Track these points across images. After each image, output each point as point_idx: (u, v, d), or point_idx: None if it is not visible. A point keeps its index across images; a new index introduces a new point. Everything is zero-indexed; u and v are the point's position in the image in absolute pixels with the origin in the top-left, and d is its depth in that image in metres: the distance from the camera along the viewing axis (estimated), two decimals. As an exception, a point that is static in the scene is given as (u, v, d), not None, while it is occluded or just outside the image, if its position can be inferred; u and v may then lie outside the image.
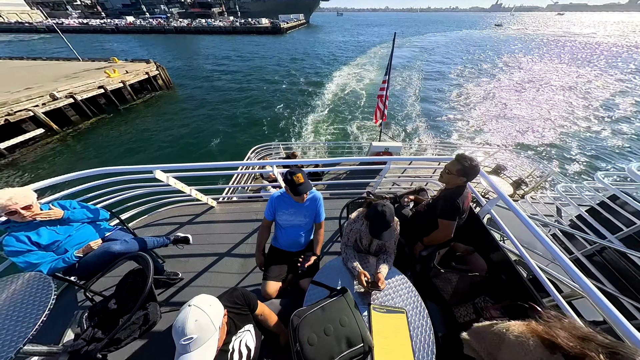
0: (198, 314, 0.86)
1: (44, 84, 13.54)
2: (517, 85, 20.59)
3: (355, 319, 1.13)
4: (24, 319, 1.26)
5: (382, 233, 1.31)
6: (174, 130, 12.70)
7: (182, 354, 0.82)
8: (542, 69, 26.46)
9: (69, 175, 1.82)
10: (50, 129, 11.92)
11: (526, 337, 0.85)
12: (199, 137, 12.18)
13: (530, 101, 17.27)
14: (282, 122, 13.84)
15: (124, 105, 15.62)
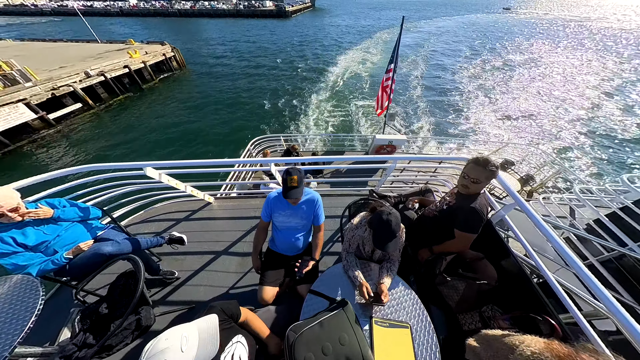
0: (162, 340, 0.78)
1: (74, 63, 14.74)
2: (528, 77, 19.64)
3: (356, 336, 1.05)
4: (10, 324, 1.21)
5: (387, 244, 1.20)
6: (193, 110, 13.65)
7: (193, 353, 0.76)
8: (554, 59, 25.10)
9: (55, 172, 1.72)
10: (87, 104, 13.35)
11: (544, 356, 0.78)
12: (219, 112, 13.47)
13: (543, 93, 16.52)
14: (287, 104, 14.60)
15: (146, 84, 16.87)
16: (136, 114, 13.41)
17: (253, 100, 14.87)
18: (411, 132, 11.56)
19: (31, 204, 1.60)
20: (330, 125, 12.43)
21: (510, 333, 0.96)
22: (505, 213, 1.55)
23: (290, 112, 13.72)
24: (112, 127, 12.15)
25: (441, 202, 1.67)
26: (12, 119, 10.36)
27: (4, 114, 10.20)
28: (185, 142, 10.93)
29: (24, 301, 1.30)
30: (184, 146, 10.68)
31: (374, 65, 22.03)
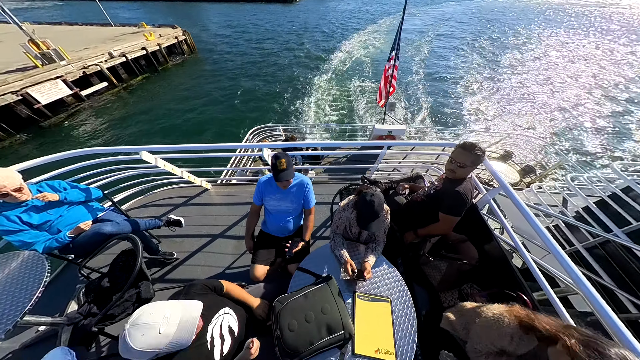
0: (145, 315, 0.81)
1: (96, 45, 15.50)
2: (534, 67, 18.94)
3: (338, 307, 1.13)
4: (20, 294, 1.30)
5: (370, 224, 1.25)
6: (205, 91, 14.39)
7: (168, 334, 0.79)
8: (564, 47, 24.03)
9: (55, 155, 1.78)
10: (112, 83, 14.31)
11: (503, 315, 0.88)
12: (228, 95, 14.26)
13: (549, 84, 16.00)
14: (290, 86, 15.11)
15: (161, 67, 17.27)
16: (154, 94, 14.33)
17: (261, 88, 15.18)
18: (411, 123, 11.41)
19: (33, 186, 1.67)
20: (331, 107, 12.64)
21: (482, 305, 1.02)
22: (490, 197, 1.58)
23: (293, 95, 14.09)
24: (133, 106, 13.06)
25: (429, 187, 1.71)
26: (53, 94, 11.59)
27: (47, 89, 11.36)
28: (196, 129, 11.31)
29: (32, 275, 1.39)
30: (192, 133, 10.98)
31: (377, 49, 22.00)
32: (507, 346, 0.85)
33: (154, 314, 0.83)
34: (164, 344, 0.79)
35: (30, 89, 10.73)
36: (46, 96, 11.26)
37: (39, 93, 11.00)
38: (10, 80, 10.25)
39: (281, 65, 18.80)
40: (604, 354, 0.63)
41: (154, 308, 0.85)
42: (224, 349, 1.03)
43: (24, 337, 1.72)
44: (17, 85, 10.39)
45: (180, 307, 0.88)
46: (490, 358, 0.91)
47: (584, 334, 0.71)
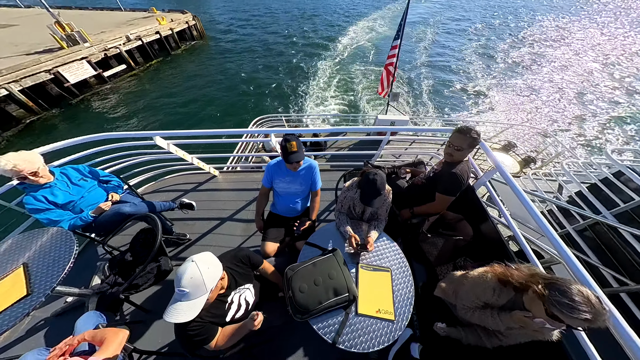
0: (194, 272, 0.96)
1: (112, 29, 15.73)
2: (541, 56, 18.43)
3: (343, 273, 1.25)
4: (54, 265, 1.43)
5: (372, 200, 1.35)
6: (214, 78, 14.66)
7: (175, 300, 0.96)
8: (577, 35, 23.25)
9: (74, 139, 1.87)
10: (130, 65, 14.74)
11: (485, 272, 1.01)
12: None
13: (554, 74, 15.63)
14: (295, 73, 15.31)
15: (173, 51, 17.62)
16: (169, 77, 14.82)
17: (268, 75, 15.30)
18: (415, 113, 11.34)
19: (56, 169, 1.78)
20: (334, 97, 12.73)
21: (468, 271, 1.15)
22: (486, 179, 1.67)
23: (298, 82, 14.30)
24: (151, 89, 13.63)
25: (429, 171, 1.80)
26: (80, 74, 12.34)
27: (74, 68, 12.07)
28: (203, 115, 11.57)
29: (62, 248, 1.52)
30: (200, 120, 11.24)
31: (380, 34, 21.86)
32: (490, 299, 0.98)
33: (193, 279, 0.96)
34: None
35: (60, 69, 11.37)
36: (74, 75, 12.01)
37: (68, 72, 11.72)
38: (42, 60, 10.89)
39: (287, 53, 18.77)
40: (566, 291, 0.75)
41: (197, 276, 0.97)
42: (237, 314, 1.21)
43: (53, 307, 1.88)
44: (49, 65, 11.03)
45: (191, 301, 0.97)
46: (476, 312, 1.05)
47: (546, 278, 0.84)
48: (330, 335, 1.12)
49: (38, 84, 10.77)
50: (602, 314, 0.73)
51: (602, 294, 0.93)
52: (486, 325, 1.04)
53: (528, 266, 1.04)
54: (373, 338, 1.12)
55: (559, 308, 0.75)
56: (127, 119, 11.23)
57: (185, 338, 1.03)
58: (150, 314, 1.80)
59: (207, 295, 0.99)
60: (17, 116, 10.41)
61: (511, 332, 0.99)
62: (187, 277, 0.94)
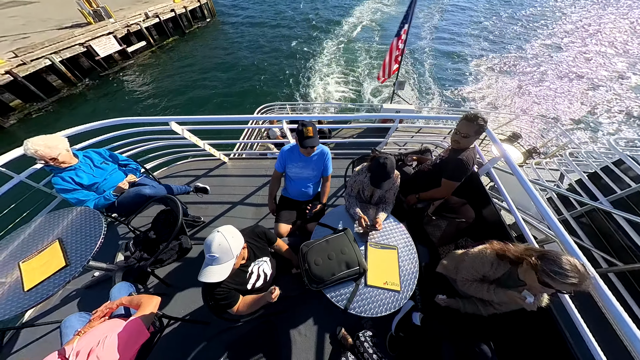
0: (221, 240, 1.07)
1: (129, 6, 15.89)
2: (553, 44, 17.68)
3: (354, 249, 1.36)
4: (86, 241, 1.55)
5: (382, 182, 1.44)
6: (225, 59, 14.80)
7: (207, 264, 1.07)
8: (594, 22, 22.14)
9: (94, 124, 1.95)
10: (149, 42, 15.09)
11: (485, 248, 1.13)
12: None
13: (565, 63, 15.08)
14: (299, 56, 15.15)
15: (187, 29, 17.62)
16: (185, 56, 15.07)
17: (276, 58, 15.18)
18: (421, 102, 11.16)
19: (79, 152, 1.86)
20: (339, 83, 12.59)
21: (469, 249, 1.25)
22: (491, 166, 1.75)
23: (304, 65, 14.15)
24: (169, 67, 14.03)
25: (436, 158, 1.87)
26: (108, 48, 12.86)
27: (103, 43, 12.60)
28: (214, 100, 11.60)
29: (91, 226, 1.63)
30: (210, 105, 11.26)
31: (383, 14, 21.21)
32: (487, 272, 1.10)
33: (222, 245, 1.07)
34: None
35: (91, 42, 12.02)
36: (103, 49, 12.59)
37: (98, 46, 12.34)
38: (75, 33, 11.68)
39: (294, 35, 18.23)
40: (556, 260, 0.86)
41: (224, 243, 1.09)
42: (257, 283, 1.34)
43: (83, 280, 2.04)
44: (82, 38, 11.75)
45: (221, 263, 1.09)
46: (474, 284, 1.16)
47: (539, 250, 0.95)
48: (342, 303, 1.25)
49: (73, 57, 11.58)
50: (587, 278, 0.84)
51: (586, 261, 1.03)
52: (481, 297, 1.16)
53: (524, 244, 1.15)
54: (380, 305, 1.25)
55: (550, 275, 0.86)
56: (150, 96, 11.73)
57: (213, 301, 1.17)
58: (172, 288, 1.96)
59: (234, 260, 1.10)
60: (56, 86, 11.33)
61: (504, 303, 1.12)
62: (215, 244, 1.05)
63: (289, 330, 1.74)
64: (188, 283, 1.97)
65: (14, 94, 10.11)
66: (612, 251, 1.78)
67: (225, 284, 1.16)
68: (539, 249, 1.00)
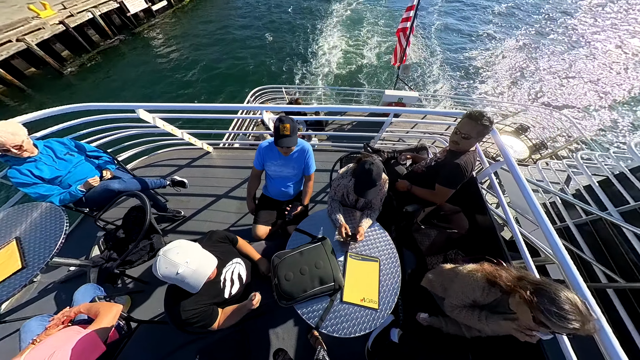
0: (175, 250, 0.95)
1: None
2: (571, 29, 16.15)
3: (330, 263, 1.24)
4: (47, 240, 1.45)
5: (367, 191, 1.28)
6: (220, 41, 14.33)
7: (186, 278, 0.94)
8: None
9: (53, 109, 1.75)
10: (169, 2, 15.58)
11: (476, 271, 1.00)
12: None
13: (584, 51, 13.88)
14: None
15: None
16: (207, 15, 15.65)
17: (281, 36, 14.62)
18: (426, 89, 10.56)
19: (40, 142, 1.69)
20: (340, 66, 11.98)
21: (458, 266, 1.12)
22: (492, 171, 1.57)
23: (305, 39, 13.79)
24: (188, 27, 14.55)
25: (431, 159, 1.68)
26: (136, 5, 13.55)
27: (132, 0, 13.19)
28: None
29: (53, 225, 1.51)
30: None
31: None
32: (478, 297, 0.97)
33: (180, 254, 0.96)
34: (179, 281, 0.95)
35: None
36: (133, 6, 13.32)
37: (129, 3, 13.04)
38: None
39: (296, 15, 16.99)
40: (554, 299, 0.73)
41: (182, 249, 0.98)
42: (233, 290, 1.24)
43: (59, 274, 1.98)
44: None
45: (199, 260, 1.00)
46: (464, 310, 1.05)
47: (534, 282, 0.81)
48: (313, 320, 1.15)
49: (108, 12, 12.31)
50: (590, 321, 0.71)
51: (589, 295, 0.91)
52: (472, 325, 1.05)
53: (518, 268, 1.01)
54: (355, 325, 1.15)
55: (547, 316, 0.73)
56: (177, 50, 12.62)
57: (188, 327, 1.06)
58: (149, 286, 1.89)
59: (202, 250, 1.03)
60: (95, 41, 12.30)
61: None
62: (174, 256, 0.93)
63: (268, 331, 1.69)
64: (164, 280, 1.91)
65: (64, 44, 11.12)
66: (615, 266, 1.66)
67: (198, 302, 1.06)
68: (534, 279, 0.86)
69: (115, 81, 11.01)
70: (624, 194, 1.78)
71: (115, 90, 10.51)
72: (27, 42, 9.78)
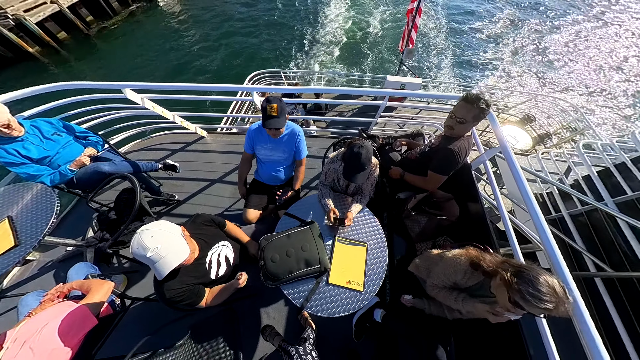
0: (150, 233, 0.93)
1: None
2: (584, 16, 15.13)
3: (317, 246, 1.24)
4: (39, 219, 1.46)
5: (355, 175, 1.25)
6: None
7: (154, 262, 0.93)
8: None
9: (36, 88, 1.69)
10: None
11: (460, 255, 1.01)
12: None
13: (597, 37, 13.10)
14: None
15: None
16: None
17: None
18: (430, 75, 10.18)
19: (26, 121, 1.65)
20: (343, 48, 11.66)
21: (445, 251, 1.12)
22: (487, 158, 1.52)
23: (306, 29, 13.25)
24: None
25: (425, 145, 1.64)
26: None
27: None
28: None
29: (44, 205, 1.52)
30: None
31: None
32: (459, 280, 0.98)
33: (154, 238, 0.94)
34: (147, 262, 0.94)
35: None
36: None
37: None
38: None
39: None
40: (532, 280, 0.72)
41: (157, 233, 0.96)
42: (220, 272, 1.26)
43: (57, 254, 2.03)
44: None
45: (170, 248, 0.97)
46: (442, 291, 1.06)
47: (516, 265, 0.81)
48: (299, 300, 1.18)
49: None
50: (565, 303, 0.71)
51: (570, 280, 0.91)
52: (449, 305, 1.07)
53: (503, 254, 1.01)
54: (339, 305, 1.18)
55: (522, 296, 0.74)
56: (194, 23, 12.90)
57: (175, 305, 1.09)
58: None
59: (183, 238, 1.03)
60: (115, 8, 13.01)
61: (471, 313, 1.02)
62: (147, 240, 0.91)
63: (259, 310, 1.75)
64: None
65: (88, 10, 12.05)
66: (605, 256, 1.65)
67: (183, 282, 1.08)
68: (517, 263, 0.86)
69: (140, 47, 11.58)
70: (622, 185, 1.74)
71: (134, 56, 11.00)
72: (60, 3, 10.62)
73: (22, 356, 0.90)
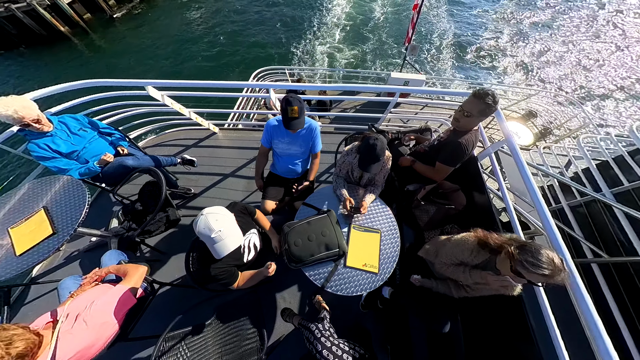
0: (215, 217, 1.05)
1: None
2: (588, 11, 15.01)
3: (335, 232, 1.35)
4: (71, 210, 1.56)
5: (370, 165, 1.34)
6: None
7: (215, 242, 1.05)
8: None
9: (63, 85, 1.78)
10: None
11: (468, 236, 1.10)
12: None
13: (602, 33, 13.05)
14: None
15: None
16: None
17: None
18: (434, 70, 10.18)
19: (53, 117, 1.74)
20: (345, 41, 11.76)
21: (453, 235, 1.22)
22: (492, 151, 1.61)
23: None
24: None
25: (434, 139, 1.73)
26: None
27: None
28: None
29: (75, 196, 1.61)
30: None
31: None
32: (466, 258, 1.08)
33: (219, 222, 1.07)
34: (208, 242, 1.07)
35: None
36: None
37: None
38: None
39: None
40: (534, 253, 0.82)
41: (221, 217, 1.09)
42: (250, 257, 1.38)
43: (82, 244, 2.14)
44: None
45: (231, 233, 1.11)
46: (451, 267, 1.17)
47: (521, 242, 0.91)
48: (319, 281, 1.29)
49: None
50: (562, 272, 0.80)
51: (569, 257, 1.00)
52: (457, 279, 1.17)
53: (509, 234, 1.11)
54: (356, 285, 1.28)
55: (522, 263, 0.83)
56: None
57: (214, 282, 1.21)
58: (166, 255, 2.05)
59: (237, 226, 1.15)
60: None
61: (478, 286, 1.12)
62: (212, 222, 1.04)
63: (275, 295, 1.86)
64: (180, 249, 2.06)
65: None
66: (602, 244, 1.76)
67: (225, 262, 1.19)
68: (522, 240, 0.95)
69: (155, 32, 11.85)
70: (620, 177, 1.84)
71: (155, 40, 11.33)
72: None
73: (77, 328, 1.01)
